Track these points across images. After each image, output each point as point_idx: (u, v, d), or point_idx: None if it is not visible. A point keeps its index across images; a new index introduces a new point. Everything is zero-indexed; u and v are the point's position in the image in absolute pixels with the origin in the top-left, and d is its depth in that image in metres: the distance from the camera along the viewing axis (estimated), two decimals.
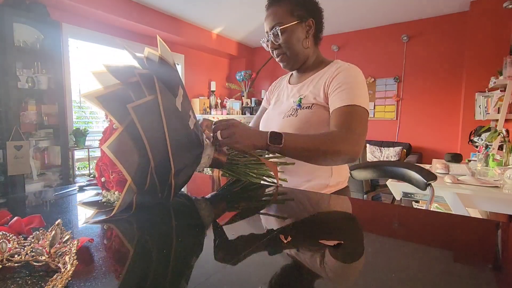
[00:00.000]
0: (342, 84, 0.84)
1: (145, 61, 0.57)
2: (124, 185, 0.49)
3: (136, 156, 0.50)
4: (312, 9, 0.92)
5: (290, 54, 0.91)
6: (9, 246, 0.34)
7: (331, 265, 0.38)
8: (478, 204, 1.61)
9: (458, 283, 0.33)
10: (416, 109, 4.07)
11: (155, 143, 0.51)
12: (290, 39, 0.89)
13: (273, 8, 0.90)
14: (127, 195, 0.50)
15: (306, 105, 0.90)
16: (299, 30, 0.89)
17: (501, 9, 3.04)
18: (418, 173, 0.99)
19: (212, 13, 3.81)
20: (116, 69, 0.52)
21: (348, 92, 0.82)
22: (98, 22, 3.37)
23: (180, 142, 0.56)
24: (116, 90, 0.51)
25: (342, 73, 0.87)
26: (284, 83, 1.07)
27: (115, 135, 0.47)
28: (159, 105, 0.52)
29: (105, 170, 0.56)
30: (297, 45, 0.90)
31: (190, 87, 4.65)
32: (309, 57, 0.95)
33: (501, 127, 2.40)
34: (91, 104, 0.49)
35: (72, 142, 3.06)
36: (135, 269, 0.37)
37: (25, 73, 2.61)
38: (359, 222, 0.57)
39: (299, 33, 0.90)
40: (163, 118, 0.52)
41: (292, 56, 0.92)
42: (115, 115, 0.49)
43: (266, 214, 0.60)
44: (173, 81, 0.59)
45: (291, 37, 0.89)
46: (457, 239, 0.47)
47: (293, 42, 0.89)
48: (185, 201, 0.69)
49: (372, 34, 4.32)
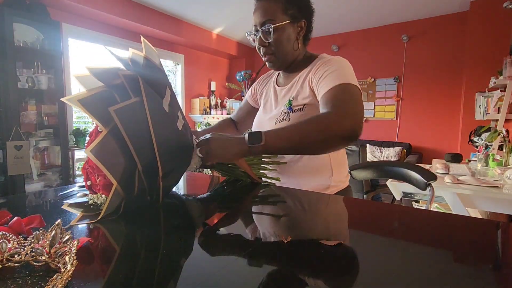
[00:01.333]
0: (325, 71, 0.79)
1: (130, 62, 0.56)
2: (110, 188, 0.48)
3: (122, 159, 0.49)
4: (305, 9, 0.87)
5: (278, 55, 0.86)
6: (9, 246, 0.34)
7: (331, 265, 0.38)
8: (478, 204, 1.61)
9: (458, 283, 0.33)
10: (416, 109, 4.07)
11: (141, 146, 0.51)
12: (280, 39, 0.83)
13: (265, 1, 0.83)
14: (114, 198, 0.49)
15: (297, 107, 0.87)
16: (290, 31, 0.84)
17: (501, 9, 3.04)
18: (418, 173, 0.99)
19: (212, 13, 3.81)
20: (100, 71, 0.51)
21: (333, 75, 0.77)
22: (98, 22, 3.37)
23: (167, 144, 0.55)
24: (100, 93, 0.50)
25: (324, 64, 0.82)
26: (272, 84, 1.02)
27: (98, 139, 0.46)
28: (145, 107, 0.51)
29: (91, 173, 0.55)
30: (287, 46, 0.85)
31: (190, 87, 4.65)
32: (297, 58, 0.91)
33: (501, 127, 2.40)
34: (76, 108, 0.48)
35: (72, 142, 3.06)
36: (135, 268, 0.37)
37: (25, 73, 2.61)
38: (359, 222, 0.57)
39: (290, 34, 0.85)
40: (149, 120, 0.51)
41: (281, 56, 0.87)
42: (99, 118, 0.48)
43: (266, 213, 0.60)
44: (160, 82, 0.58)
45: (282, 37, 0.83)
46: (457, 239, 0.47)
47: (283, 42, 0.84)
48: (176, 201, 0.69)
49: (372, 34, 4.32)
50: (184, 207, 0.65)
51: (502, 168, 1.95)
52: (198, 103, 4.55)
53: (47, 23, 2.71)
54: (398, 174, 1.09)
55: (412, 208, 0.74)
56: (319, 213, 0.62)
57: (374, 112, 4.39)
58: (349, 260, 0.40)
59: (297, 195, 0.72)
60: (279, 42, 0.84)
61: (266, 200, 0.71)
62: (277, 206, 0.66)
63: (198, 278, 0.34)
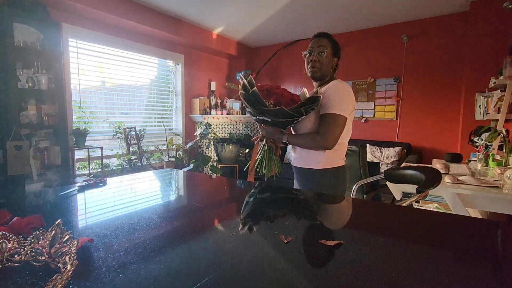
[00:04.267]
0: (326, 96, 1.28)
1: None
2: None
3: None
4: (339, 52, 1.41)
5: (321, 68, 1.35)
6: (9, 246, 0.33)
7: (331, 265, 0.38)
8: (478, 204, 1.61)
9: (458, 283, 0.33)
10: (416, 109, 4.06)
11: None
12: (326, 61, 1.35)
13: (321, 38, 1.38)
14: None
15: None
16: (331, 59, 1.37)
17: (501, 9, 3.04)
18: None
19: (212, 13, 3.81)
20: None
21: (329, 104, 1.26)
22: (98, 22, 3.37)
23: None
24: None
25: (329, 89, 1.30)
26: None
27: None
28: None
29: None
30: (328, 66, 1.36)
31: (190, 87, 4.65)
32: (327, 77, 1.39)
33: (501, 127, 2.40)
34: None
35: (72, 142, 3.06)
36: (134, 268, 0.37)
37: (25, 73, 2.60)
38: (359, 222, 0.57)
39: (330, 60, 1.37)
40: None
41: (322, 70, 1.36)
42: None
43: (264, 213, 0.60)
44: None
45: (327, 60, 1.36)
46: (457, 239, 0.47)
47: (327, 62, 1.36)
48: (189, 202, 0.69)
49: (372, 34, 4.32)
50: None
51: (502, 168, 1.94)
52: (198, 103, 4.55)
53: (47, 23, 2.71)
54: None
55: (412, 208, 0.75)
56: (319, 213, 0.62)
57: (374, 112, 4.38)
58: (349, 260, 0.40)
59: (298, 194, 0.72)
60: (325, 61, 1.35)
61: (261, 198, 0.71)
62: (278, 204, 0.66)
63: (198, 278, 0.34)
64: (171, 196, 0.97)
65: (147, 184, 1.22)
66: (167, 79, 4.45)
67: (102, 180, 1.09)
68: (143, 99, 4.19)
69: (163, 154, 4.18)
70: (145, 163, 3.76)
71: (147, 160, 3.81)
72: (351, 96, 1.31)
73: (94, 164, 3.43)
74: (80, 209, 0.59)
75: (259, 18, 3.97)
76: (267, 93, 1.27)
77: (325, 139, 1.24)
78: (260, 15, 3.88)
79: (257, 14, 3.81)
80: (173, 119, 4.54)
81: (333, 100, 1.25)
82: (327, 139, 1.24)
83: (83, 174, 3.25)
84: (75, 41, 3.19)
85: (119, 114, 3.82)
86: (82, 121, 3.35)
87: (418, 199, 0.87)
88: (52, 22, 2.73)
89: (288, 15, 3.81)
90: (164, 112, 4.39)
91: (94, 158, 3.36)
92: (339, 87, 1.29)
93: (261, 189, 0.84)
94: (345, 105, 1.26)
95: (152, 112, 4.26)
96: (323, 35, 1.39)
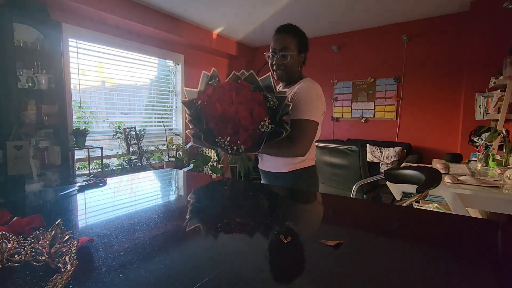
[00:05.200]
0: (298, 100, 1.17)
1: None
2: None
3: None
4: (306, 45, 1.26)
5: (286, 71, 1.24)
6: (9, 246, 0.34)
7: (331, 265, 0.38)
8: (478, 204, 1.61)
9: (458, 283, 0.33)
10: (416, 109, 4.06)
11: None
12: (291, 62, 1.22)
13: (283, 35, 1.21)
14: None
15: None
16: (297, 58, 1.24)
17: (501, 9, 3.04)
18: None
19: (212, 13, 3.81)
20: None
21: (299, 108, 1.15)
22: (98, 22, 3.37)
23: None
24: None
25: (300, 91, 1.18)
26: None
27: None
28: None
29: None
30: (294, 66, 1.24)
31: (190, 87, 4.63)
32: (295, 76, 1.27)
33: (501, 127, 2.40)
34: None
35: (72, 142, 3.06)
36: (134, 268, 0.37)
37: (25, 73, 2.60)
38: (359, 222, 0.57)
39: (296, 59, 1.24)
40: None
41: (287, 73, 1.25)
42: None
43: (264, 213, 0.60)
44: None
45: (292, 61, 1.22)
46: (457, 239, 0.47)
47: (292, 64, 1.23)
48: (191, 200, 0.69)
49: (372, 34, 4.32)
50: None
51: (502, 168, 1.94)
52: None
53: (47, 23, 2.70)
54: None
55: (412, 208, 0.75)
56: (319, 213, 0.62)
57: (374, 112, 4.38)
58: (349, 260, 0.40)
59: (297, 194, 0.72)
60: (289, 64, 1.22)
61: (257, 198, 0.71)
62: (275, 205, 0.66)
63: (198, 278, 0.34)
64: (171, 196, 0.97)
65: (147, 184, 1.22)
66: (167, 79, 4.45)
67: (102, 180, 1.09)
68: (143, 99, 4.19)
69: (163, 154, 4.18)
70: (145, 163, 3.76)
71: (147, 160, 3.81)
72: (322, 99, 1.22)
73: (94, 164, 3.43)
74: (80, 209, 0.59)
75: (259, 18, 3.96)
76: (220, 120, 0.98)
77: (299, 147, 1.15)
78: (260, 15, 3.88)
79: (257, 14, 3.81)
80: (173, 119, 4.54)
81: (304, 104, 1.16)
82: (302, 147, 1.15)
83: (83, 174, 3.25)
84: (75, 41, 3.19)
85: (119, 114, 3.82)
86: (82, 121, 3.35)
87: (418, 199, 0.87)
88: (52, 22, 2.73)
89: (288, 15, 3.81)
90: (164, 112, 4.39)
91: (94, 158, 3.36)
92: (311, 90, 1.19)
93: (261, 189, 0.84)
94: (317, 110, 1.19)
95: (152, 112, 4.26)
96: (285, 30, 1.21)
